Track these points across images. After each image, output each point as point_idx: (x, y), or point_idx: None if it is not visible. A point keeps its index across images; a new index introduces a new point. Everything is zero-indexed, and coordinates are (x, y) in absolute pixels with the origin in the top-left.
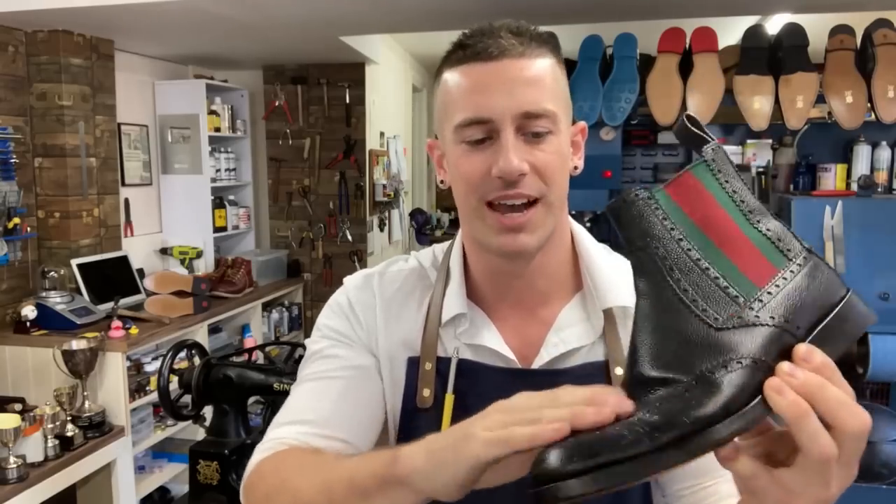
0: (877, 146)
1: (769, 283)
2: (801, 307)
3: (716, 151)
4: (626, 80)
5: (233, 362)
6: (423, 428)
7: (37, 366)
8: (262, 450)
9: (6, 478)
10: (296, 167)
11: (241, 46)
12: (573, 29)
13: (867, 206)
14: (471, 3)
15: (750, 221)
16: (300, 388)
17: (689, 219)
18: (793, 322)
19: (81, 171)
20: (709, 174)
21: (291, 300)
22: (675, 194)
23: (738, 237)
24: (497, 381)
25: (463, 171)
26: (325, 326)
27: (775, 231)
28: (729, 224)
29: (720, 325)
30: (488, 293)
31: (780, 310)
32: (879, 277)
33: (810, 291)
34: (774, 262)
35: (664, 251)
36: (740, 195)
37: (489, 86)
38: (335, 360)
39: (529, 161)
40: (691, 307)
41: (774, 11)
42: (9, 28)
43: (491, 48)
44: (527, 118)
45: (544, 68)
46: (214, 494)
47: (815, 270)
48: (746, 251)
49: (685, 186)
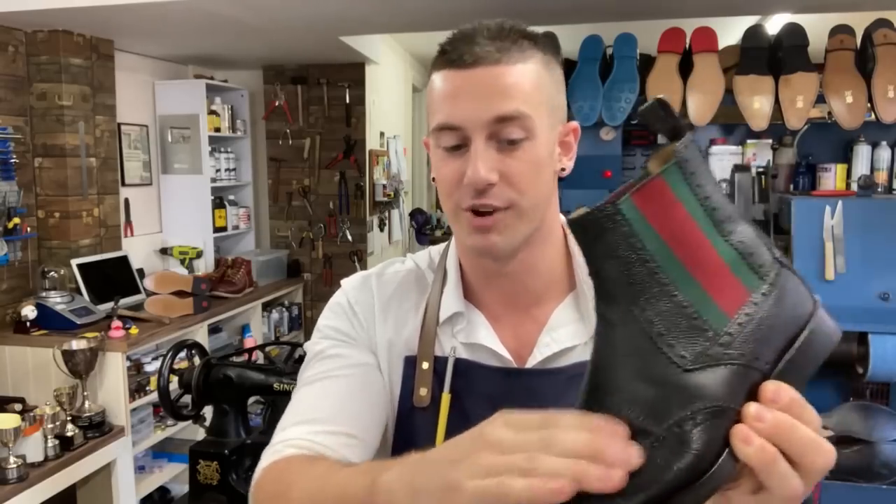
0: (877, 146)
1: (739, 311)
2: (770, 336)
3: (689, 148)
4: (626, 80)
5: (233, 362)
6: (420, 427)
7: (37, 366)
8: (269, 453)
9: (6, 478)
10: (296, 167)
11: (241, 46)
12: (573, 29)
13: (867, 206)
14: (471, 3)
15: (722, 233)
16: (304, 389)
17: (656, 234)
18: (761, 356)
19: (81, 171)
20: (680, 179)
21: (291, 300)
22: (641, 203)
23: (710, 255)
24: (493, 381)
25: (440, 176)
26: (326, 327)
27: (747, 242)
28: (700, 240)
29: (688, 365)
30: (483, 293)
31: (749, 344)
32: (879, 277)
33: (780, 316)
34: (746, 283)
35: (629, 274)
36: (712, 200)
37: (461, 93)
38: (338, 360)
39: (500, 170)
40: (659, 344)
41: (774, 11)
42: (9, 28)
43: (465, 56)
44: (499, 124)
45: (522, 74)
46: (214, 494)
47: (785, 288)
48: (717, 272)
49: (653, 194)
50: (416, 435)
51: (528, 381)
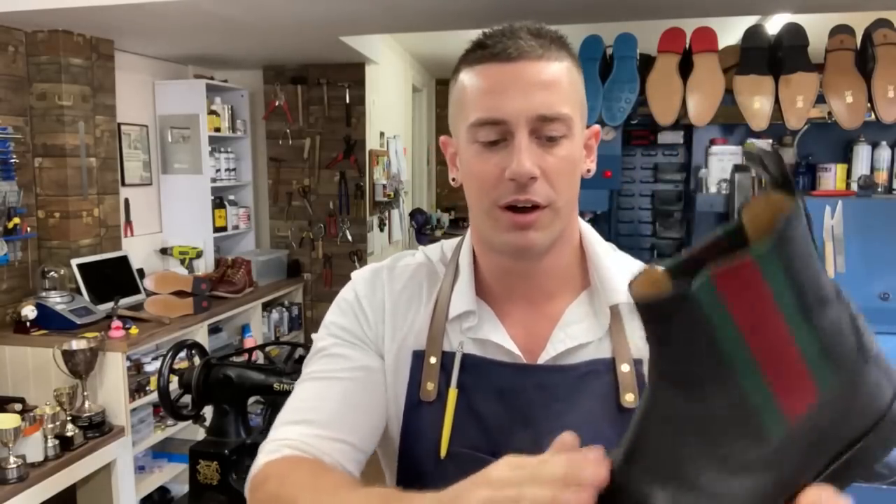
0: (877, 146)
1: (801, 417)
2: (827, 443)
3: (794, 222)
4: (626, 80)
5: (233, 362)
6: (427, 421)
7: (37, 366)
8: (267, 450)
9: (6, 478)
10: (296, 167)
11: (241, 46)
12: (573, 29)
13: (867, 206)
14: (471, 3)
15: (808, 320)
16: (304, 384)
17: (734, 324)
18: (809, 467)
19: (81, 171)
20: (777, 264)
21: (291, 300)
22: (723, 286)
23: (788, 350)
24: (501, 376)
25: (476, 172)
26: (333, 324)
27: (834, 330)
28: (781, 333)
29: (728, 469)
30: (496, 290)
31: (799, 455)
32: (879, 277)
33: (846, 417)
34: (817, 380)
35: (691, 362)
36: (808, 279)
37: (505, 87)
38: (341, 360)
39: (541, 166)
40: (703, 440)
41: (774, 11)
42: (9, 28)
43: (509, 49)
44: (542, 122)
45: (561, 71)
46: (214, 494)
47: (861, 383)
48: (791, 368)
49: (740, 278)
50: (423, 429)
51: (539, 377)
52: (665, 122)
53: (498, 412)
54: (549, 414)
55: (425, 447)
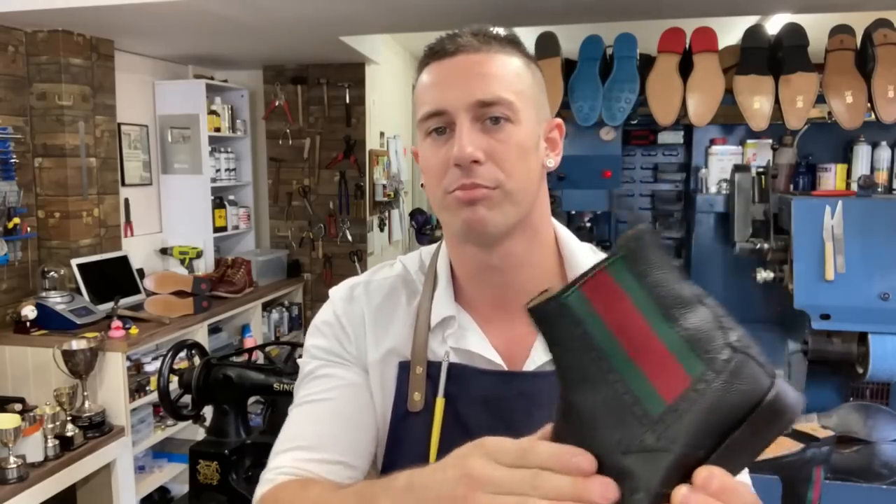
0: (877, 146)
1: (678, 398)
2: (711, 423)
3: (636, 240)
4: (626, 80)
5: (233, 362)
6: (415, 431)
7: (37, 366)
8: (264, 480)
9: (6, 478)
10: (296, 167)
11: (241, 46)
12: (573, 29)
13: (867, 207)
14: (470, 3)
15: (668, 320)
16: (295, 411)
17: (603, 324)
18: (698, 444)
19: (81, 171)
20: (624, 270)
21: (291, 300)
22: (590, 295)
23: (652, 342)
24: (485, 384)
25: (429, 165)
26: (314, 347)
27: (697, 327)
28: (643, 328)
29: (624, 449)
30: (474, 295)
31: (686, 435)
32: (879, 277)
33: (724, 401)
34: (688, 369)
35: (577, 362)
36: (663, 288)
37: (444, 79)
38: (327, 381)
39: (485, 149)
40: (598, 429)
41: (774, 11)
42: (9, 28)
43: (448, 46)
44: (481, 107)
45: (504, 64)
46: (214, 494)
47: (736, 372)
48: (659, 358)
49: (599, 286)
50: (411, 440)
51: (522, 385)
52: (665, 122)
53: (483, 420)
54: (532, 421)
55: (412, 457)
